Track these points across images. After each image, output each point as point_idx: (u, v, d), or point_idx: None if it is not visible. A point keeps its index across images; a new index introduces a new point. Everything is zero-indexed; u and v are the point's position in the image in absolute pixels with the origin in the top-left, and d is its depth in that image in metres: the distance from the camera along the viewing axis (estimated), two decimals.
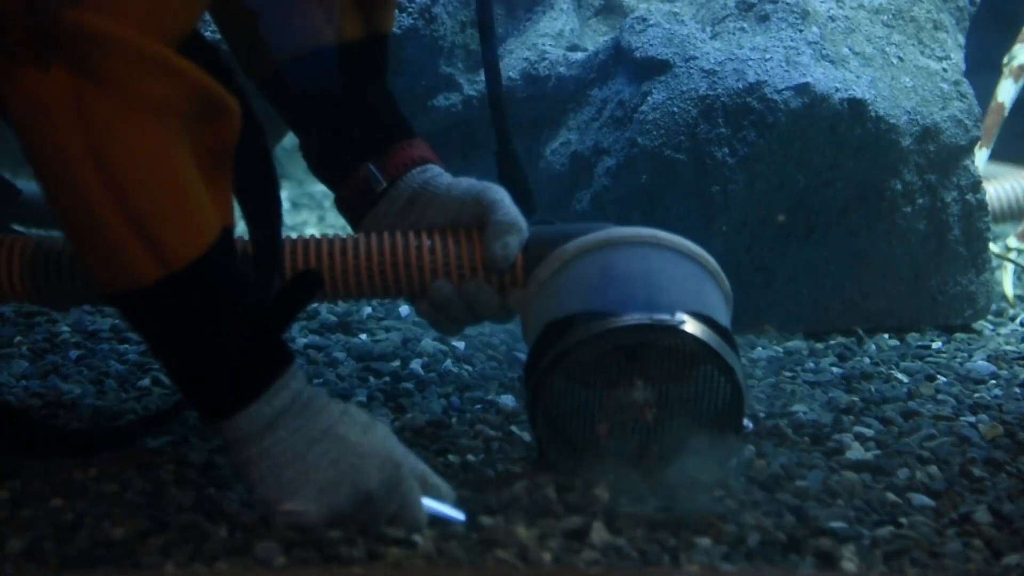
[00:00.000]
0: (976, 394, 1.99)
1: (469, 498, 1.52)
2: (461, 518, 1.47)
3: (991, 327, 2.44)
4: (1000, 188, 2.83)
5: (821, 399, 1.94)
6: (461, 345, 2.12)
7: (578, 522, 1.46)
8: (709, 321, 1.55)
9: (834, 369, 2.11)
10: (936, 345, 2.28)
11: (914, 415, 1.86)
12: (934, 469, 1.67)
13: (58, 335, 2.11)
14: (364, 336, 2.18)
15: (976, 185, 2.36)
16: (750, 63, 2.22)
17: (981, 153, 2.57)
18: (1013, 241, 2.65)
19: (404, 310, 2.32)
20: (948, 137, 2.31)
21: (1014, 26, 2.72)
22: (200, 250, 1.39)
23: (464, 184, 1.70)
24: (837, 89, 2.20)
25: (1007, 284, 2.61)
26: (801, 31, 2.28)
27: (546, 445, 1.59)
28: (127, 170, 1.35)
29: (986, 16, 2.60)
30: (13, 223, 1.89)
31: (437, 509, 1.46)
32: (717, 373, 1.55)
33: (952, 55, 2.39)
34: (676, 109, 2.23)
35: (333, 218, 3.42)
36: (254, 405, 1.42)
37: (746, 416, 1.58)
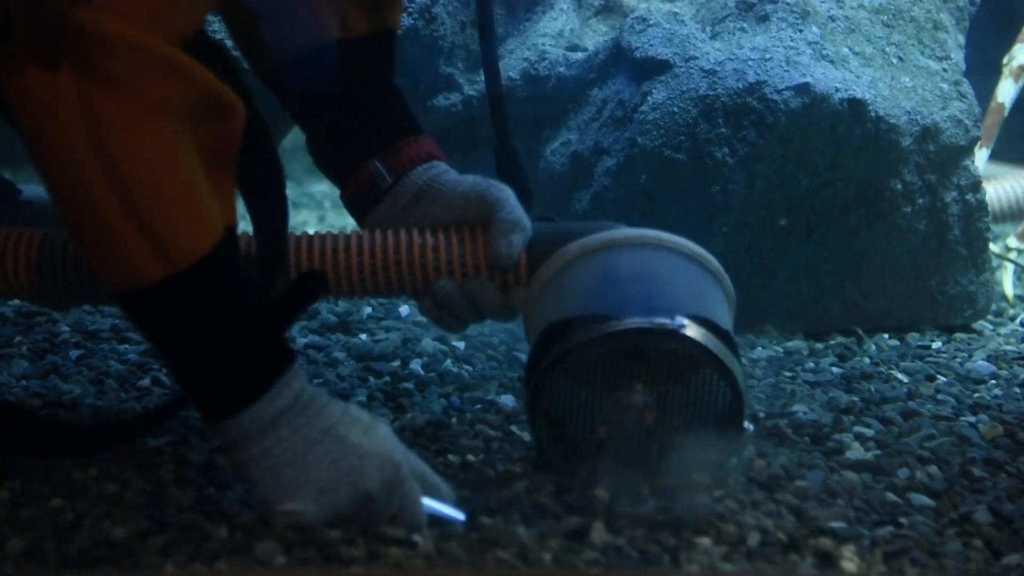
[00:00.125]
0: (976, 394, 1.99)
1: (469, 498, 1.52)
2: (461, 518, 1.47)
3: (991, 327, 2.44)
4: (1000, 188, 2.83)
5: (821, 399, 1.94)
6: (461, 345, 2.12)
7: (578, 522, 1.45)
8: (710, 325, 1.55)
9: (834, 369, 2.11)
10: (936, 345, 2.28)
11: (914, 415, 1.86)
12: (934, 469, 1.67)
13: (58, 335, 2.10)
14: (364, 336, 2.18)
15: (976, 185, 2.36)
16: (750, 63, 2.22)
17: (981, 153, 2.57)
18: (1013, 241, 2.65)
19: (404, 310, 2.32)
20: (948, 137, 2.31)
21: (1014, 26, 2.72)
22: (204, 250, 1.39)
23: (469, 181, 1.70)
24: (837, 89, 2.20)
25: (1007, 284, 2.61)
26: (801, 31, 2.28)
27: (546, 445, 1.59)
28: (132, 169, 1.35)
29: (986, 16, 2.60)
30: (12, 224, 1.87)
31: (437, 509, 1.46)
32: (717, 377, 1.55)
33: (952, 55, 2.39)
34: (676, 109, 2.23)
35: (333, 218, 3.42)
36: (256, 405, 1.41)
37: (747, 419, 1.58)
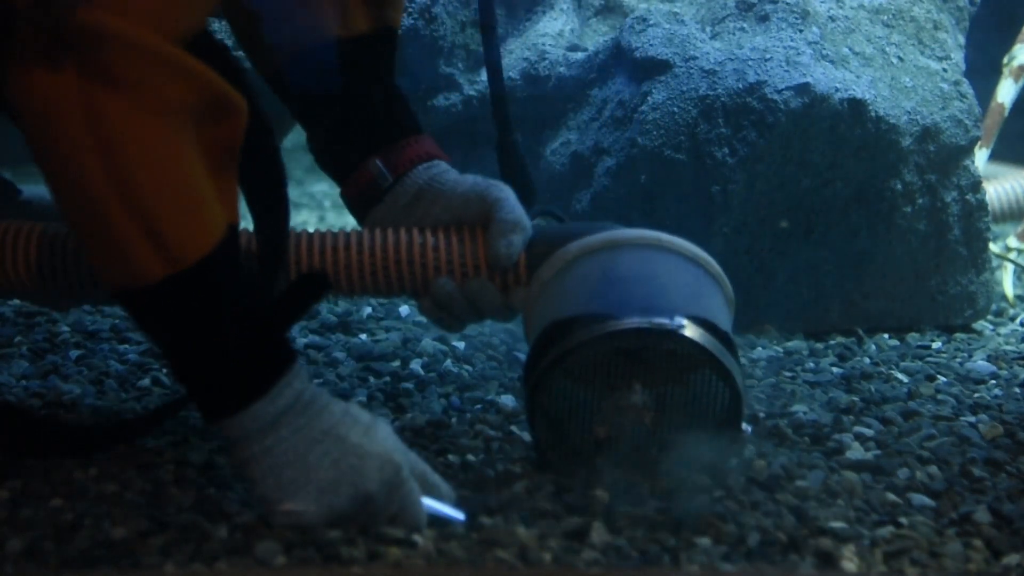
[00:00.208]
0: (976, 394, 1.99)
1: (469, 498, 1.52)
2: (461, 518, 1.47)
3: (991, 327, 2.44)
4: (1000, 188, 2.83)
5: (821, 399, 1.94)
6: (461, 345, 2.12)
7: (578, 522, 1.45)
8: (709, 326, 1.55)
9: (834, 369, 2.11)
10: (936, 345, 2.28)
11: (914, 415, 1.86)
12: (934, 469, 1.67)
13: (58, 335, 2.10)
14: (364, 336, 2.18)
15: (976, 185, 2.36)
16: (750, 63, 2.22)
17: (981, 153, 2.57)
18: (1013, 241, 2.65)
19: (404, 310, 2.32)
20: (948, 137, 2.31)
21: (1014, 26, 2.72)
22: (206, 249, 1.39)
23: (469, 181, 1.70)
24: (837, 89, 2.20)
25: (1007, 284, 2.61)
26: (801, 31, 2.28)
27: (545, 445, 1.59)
28: (135, 169, 1.35)
29: (986, 16, 2.60)
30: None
31: (437, 509, 1.46)
32: (716, 378, 1.55)
33: (952, 55, 2.39)
34: (676, 109, 2.23)
35: (333, 218, 3.42)
36: (257, 404, 1.41)
37: (746, 419, 1.58)
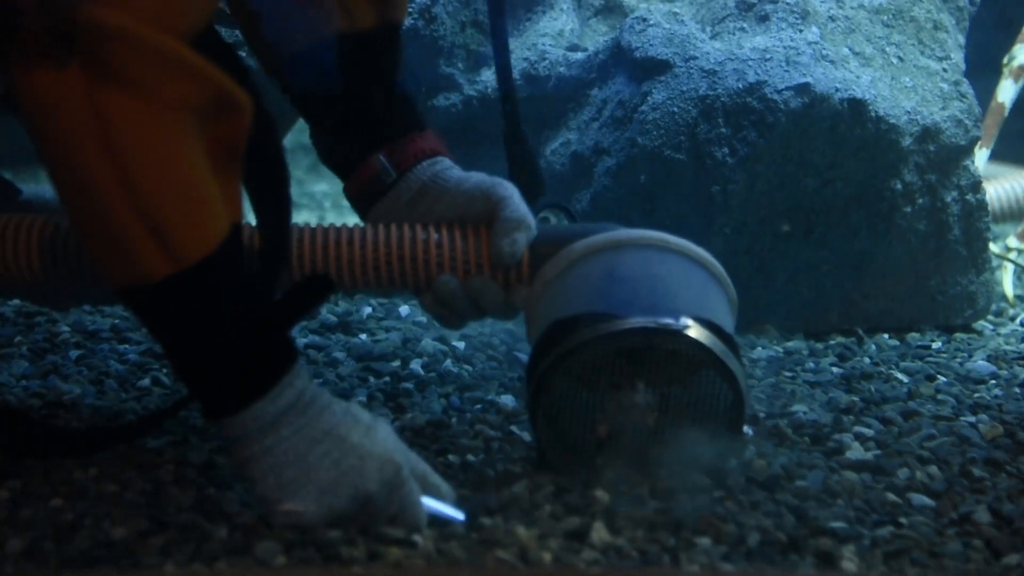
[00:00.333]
0: (976, 394, 1.99)
1: (469, 498, 1.52)
2: (461, 518, 1.47)
3: (991, 327, 2.44)
4: (1000, 188, 2.83)
5: (821, 399, 1.94)
6: (461, 345, 2.12)
7: (578, 522, 1.45)
8: (713, 327, 1.55)
9: (834, 369, 2.10)
10: (936, 345, 2.28)
11: (914, 415, 1.86)
12: (934, 469, 1.67)
13: (58, 335, 2.10)
14: (364, 336, 2.18)
15: (976, 185, 2.36)
16: (750, 63, 2.22)
17: (981, 153, 2.57)
18: (1013, 241, 2.65)
19: (404, 310, 2.32)
20: (948, 137, 2.31)
21: (1014, 26, 2.72)
22: (210, 248, 1.39)
23: (474, 179, 1.70)
24: (837, 89, 2.20)
25: (1007, 284, 2.61)
26: (801, 31, 2.28)
27: (546, 445, 1.59)
28: (140, 166, 1.35)
29: (986, 16, 2.60)
30: None
31: (437, 509, 1.46)
32: (719, 379, 1.55)
33: (952, 55, 2.38)
34: (676, 109, 2.23)
35: (333, 217, 3.42)
36: (258, 403, 1.41)
37: (747, 421, 1.58)
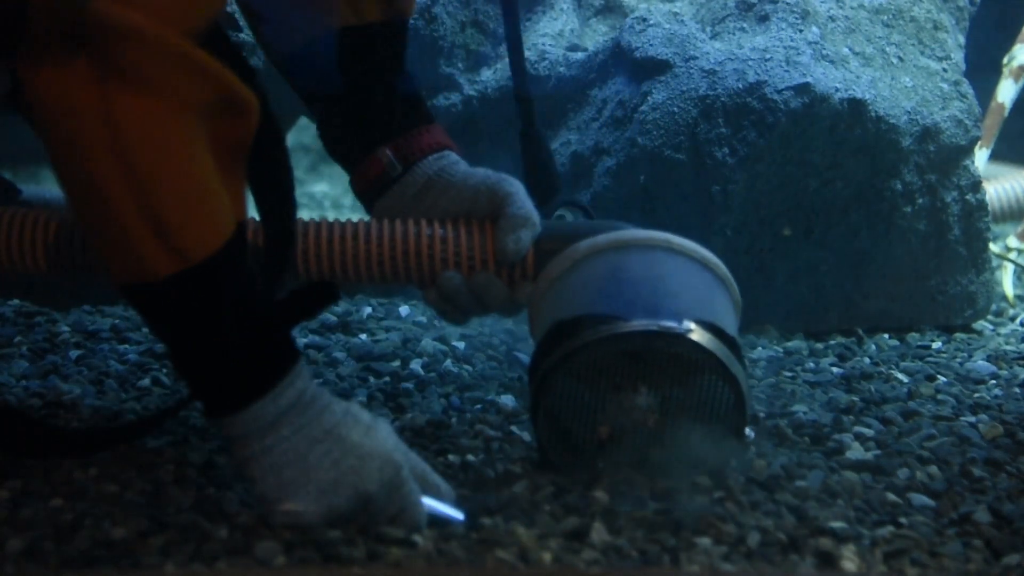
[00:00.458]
0: (976, 394, 1.99)
1: (469, 498, 1.52)
2: (461, 518, 1.47)
3: (991, 327, 2.44)
4: (1000, 188, 2.83)
5: (821, 399, 1.94)
6: (461, 345, 2.11)
7: (578, 522, 1.45)
8: (716, 330, 1.55)
9: (834, 369, 2.10)
10: (936, 345, 2.28)
11: (914, 415, 1.86)
12: (934, 469, 1.67)
13: (58, 335, 2.10)
14: (364, 336, 2.18)
15: (976, 185, 2.35)
16: (750, 63, 2.22)
17: (981, 153, 2.56)
18: (1013, 241, 2.65)
19: (404, 310, 2.32)
20: (948, 137, 2.31)
21: (1014, 26, 2.72)
22: (215, 247, 1.38)
23: (480, 175, 1.70)
24: (837, 89, 2.20)
25: (1007, 284, 2.61)
26: (801, 31, 2.28)
27: (547, 444, 1.59)
28: (147, 164, 1.35)
29: (986, 16, 2.60)
30: None
31: (437, 509, 1.46)
32: (721, 382, 1.55)
33: (952, 55, 2.38)
34: (676, 109, 2.23)
35: (333, 217, 3.42)
36: (259, 402, 1.41)
37: (748, 424, 1.58)
